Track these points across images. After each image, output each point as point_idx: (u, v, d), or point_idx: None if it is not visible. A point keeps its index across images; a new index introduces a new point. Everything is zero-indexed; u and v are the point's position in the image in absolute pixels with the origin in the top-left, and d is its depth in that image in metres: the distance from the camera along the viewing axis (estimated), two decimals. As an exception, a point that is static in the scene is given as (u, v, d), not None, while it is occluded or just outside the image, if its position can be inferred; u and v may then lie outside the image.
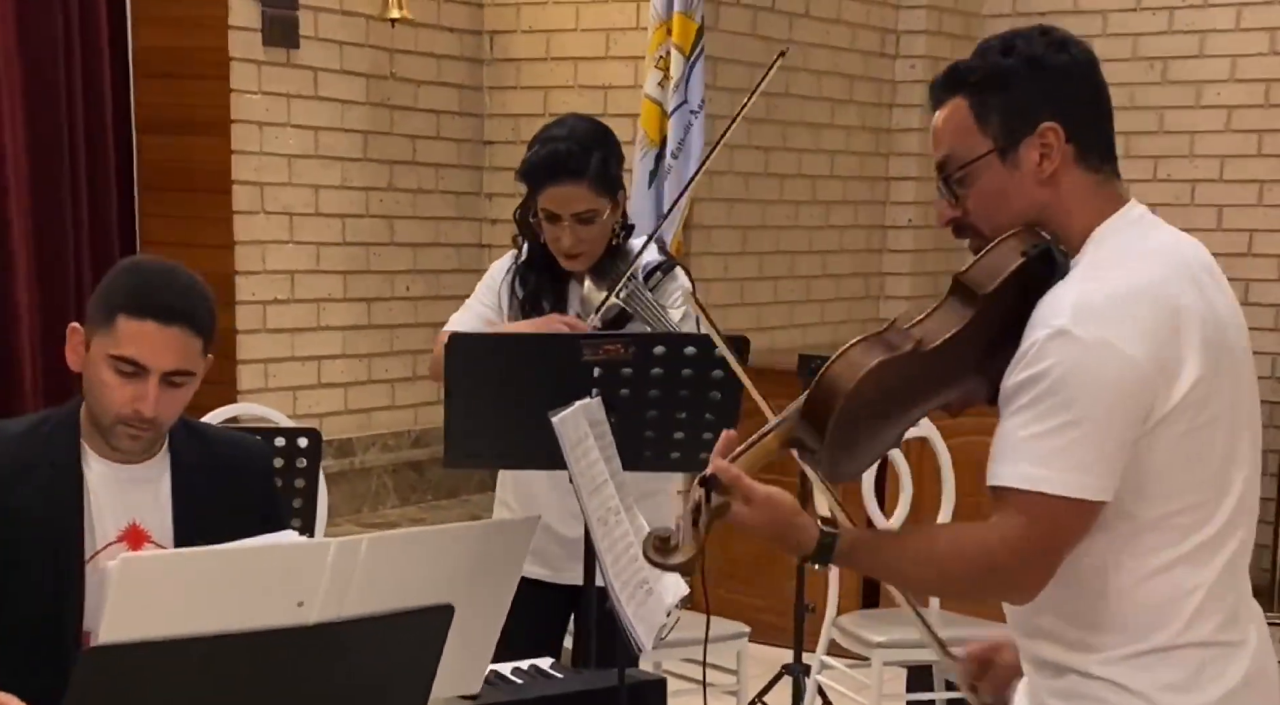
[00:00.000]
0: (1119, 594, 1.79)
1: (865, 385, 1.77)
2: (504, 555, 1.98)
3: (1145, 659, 1.79)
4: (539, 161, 2.87)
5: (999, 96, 1.84)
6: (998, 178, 1.84)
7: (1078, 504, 1.73)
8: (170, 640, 1.63)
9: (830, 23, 5.99)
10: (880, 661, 3.97)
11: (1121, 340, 1.72)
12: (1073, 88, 1.84)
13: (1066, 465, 1.72)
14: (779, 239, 5.93)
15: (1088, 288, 1.76)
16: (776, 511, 1.82)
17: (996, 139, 1.84)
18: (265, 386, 4.99)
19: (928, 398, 1.85)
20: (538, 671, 2.40)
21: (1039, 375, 1.73)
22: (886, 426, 1.86)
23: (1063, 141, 1.82)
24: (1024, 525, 1.74)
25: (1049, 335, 1.73)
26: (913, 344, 1.80)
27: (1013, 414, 1.76)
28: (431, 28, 5.47)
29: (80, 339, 2.21)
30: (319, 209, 5.16)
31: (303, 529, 2.92)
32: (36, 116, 4.54)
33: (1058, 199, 1.83)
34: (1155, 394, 1.74)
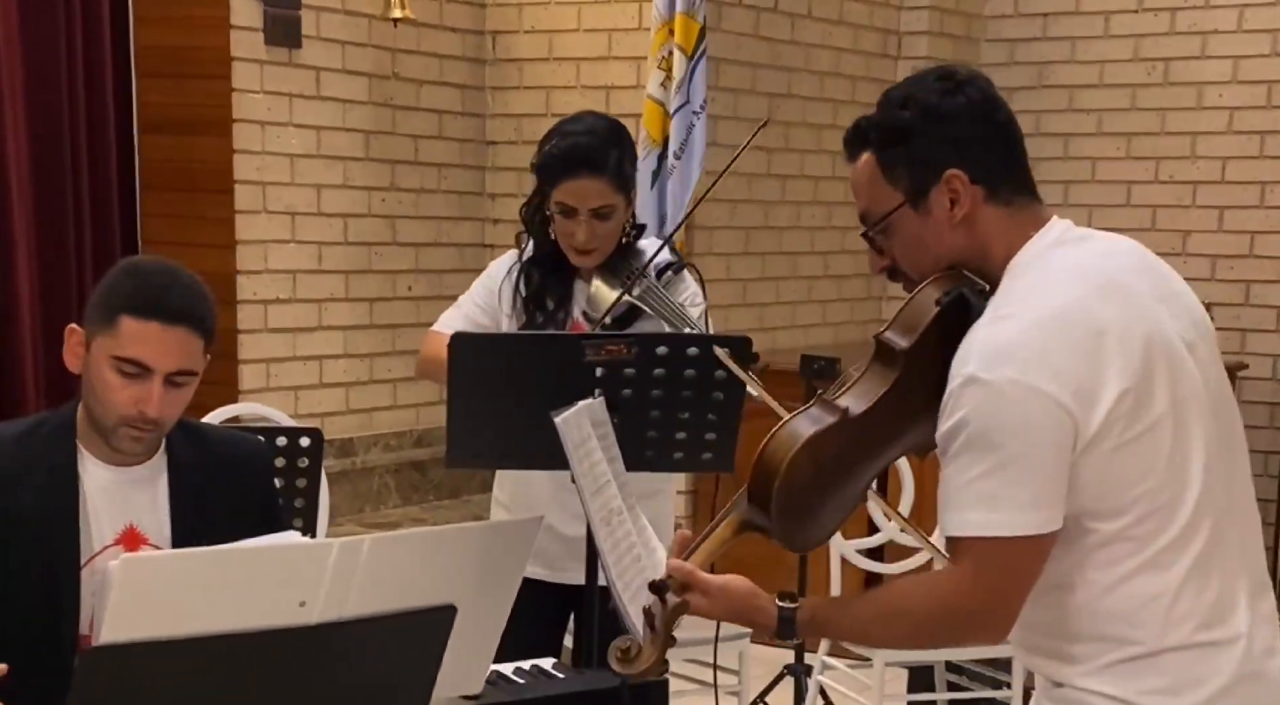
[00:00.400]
0: (1089, 607, 1.82)
1: (798, 461, 1.83)
2: (506, 556, 1.98)
3: (1126, 666, 1.81)
4: (559, 154, 2.86)
5: (901, 149, 1.87)
6: (913, 226, 1.89)
7: (1020, 542, 1.77)
8: (172, 640, 1.63)
9: (832, 24, 5.99)
10: (882, 662, 3.97)
11: (1030, 376, 1.75)
12: (972, 131, 1.86)
13: (1004, 506, 1.76)
14: (781, 239, 5.93)
15: (992, 329, 1.79)
16: (734, 599, 1.91)
17: (906, 191, 1.88)
18: (267, 386, 4.99)
19: (876, 456, 1.91)
20: (539, 671, 2.40)
21: (958, 425, 1.77)
22: (841, 491, 1.91)
23: (968, 185, 1.85)
24: (974, 570, 1.79)
25: (960, 384, 1.77)
26: (839, 415, 1.85)
27: (947, 463, 1.81)
28: (434, 28, 5.47)
29: (79, 340, 2.20)
30: (321, 209, 5.16)
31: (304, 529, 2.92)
32: (38, 116, 4.55)
33: (974, 239, 1.87)
34: (1076, 420, 1.76)
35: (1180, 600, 1.81)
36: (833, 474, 1.88)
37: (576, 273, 2.96)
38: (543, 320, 2.94)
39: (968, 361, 1.77)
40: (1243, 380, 5.86)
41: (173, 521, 2.23)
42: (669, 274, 2.94)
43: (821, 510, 1.91)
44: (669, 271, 2.94)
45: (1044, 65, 6.41)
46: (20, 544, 2.14)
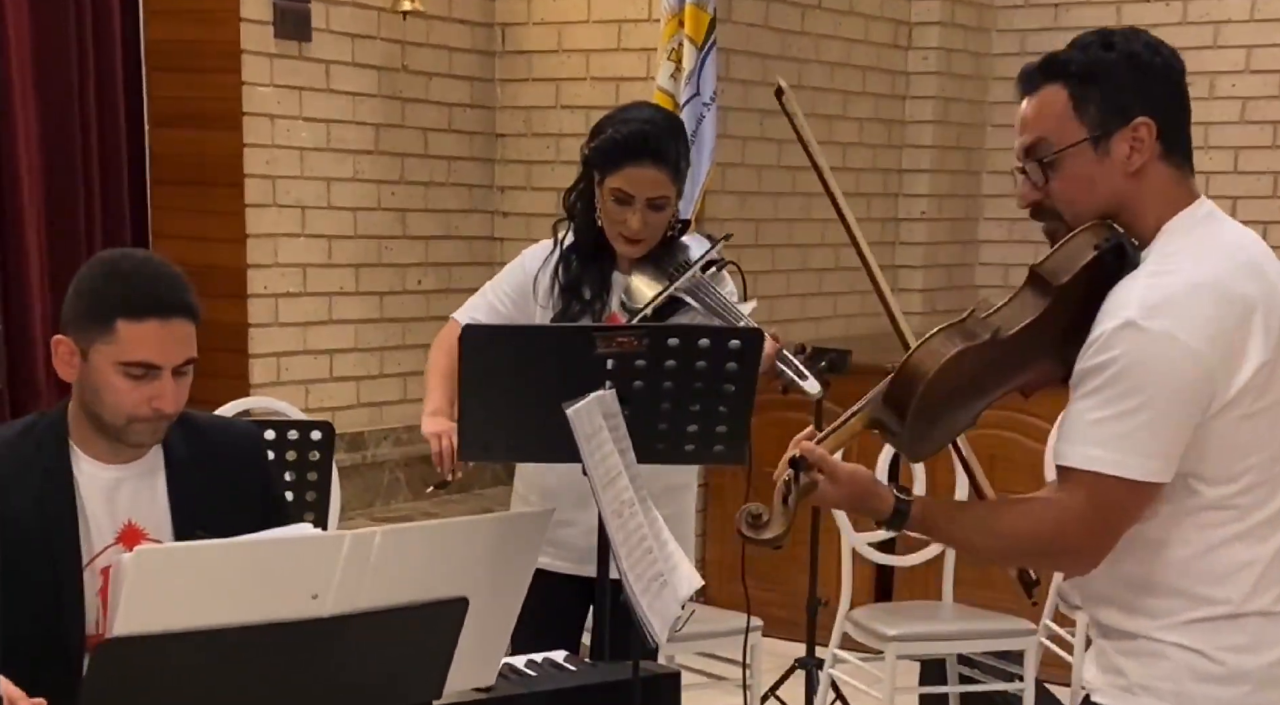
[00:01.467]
0: (1181, 565, 1.90)
1: (946, 372, 1.91)
2: (518, 548, 1.97)
3: (1210, 624, 1.90)
4: (623, 140, 2.85)
5: (1098, 88, 1.93)
6: (1087, 166, 1.93)
7: (1137, 485, 1.84)
8: (185, 632, 1.63)
9: (843, 14, 5.97)
10: (894, 655, 3.96)
11: (1185, 333, 1.82)
12: (1166, 88, 1.94)
13: (1128, 449, 1.83)
14: (791, 231, 5.92)
15: (1155, 282, 1.86)
16: (857, 485, 1.98)
17: (1092, 128, 1.92)
18: (277, 380, 4.99)
19: (1004, 381, 1.98)
20: (551, 664, 2.40)
21: (1106, 362, 1.84)
22: (964, 409, 1.99)
23: (1154, 137, 1.91)
24: (1085, 503, 1.86)
25: (1117, 326, 1.84)
26: (990, 332, 1.93)
27: (1081, 397, 1.88)
28: (443, 20, 5.46)
29: (70, 349, 2.17)
30: (331, 202, 5.16)
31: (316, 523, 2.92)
32: (49, 110, 4.55)
33: (1138, 192, 1.93)
34: (1216, 383, 1.84)
35: (1270, 571, 1.90)
36: (968, 389, 1.96)
37: (615, 264, 2.95)
38: (578, 309, 2.93)
39: (1128, 306, 1.85)
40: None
41: (173, 514, 2.22)
42: (712, 270, 2.94)
43: (948, 422, 2.00)
44: (713, 267, 2.94)
45: (1055, 56, 6.38)
46: (20, 549, 2.12)
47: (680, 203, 3.04)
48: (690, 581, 2.18)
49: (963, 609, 4.21)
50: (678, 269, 2.87)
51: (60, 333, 2.20)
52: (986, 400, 2.00)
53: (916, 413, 1.93)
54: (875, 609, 4.29)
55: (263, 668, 1.71)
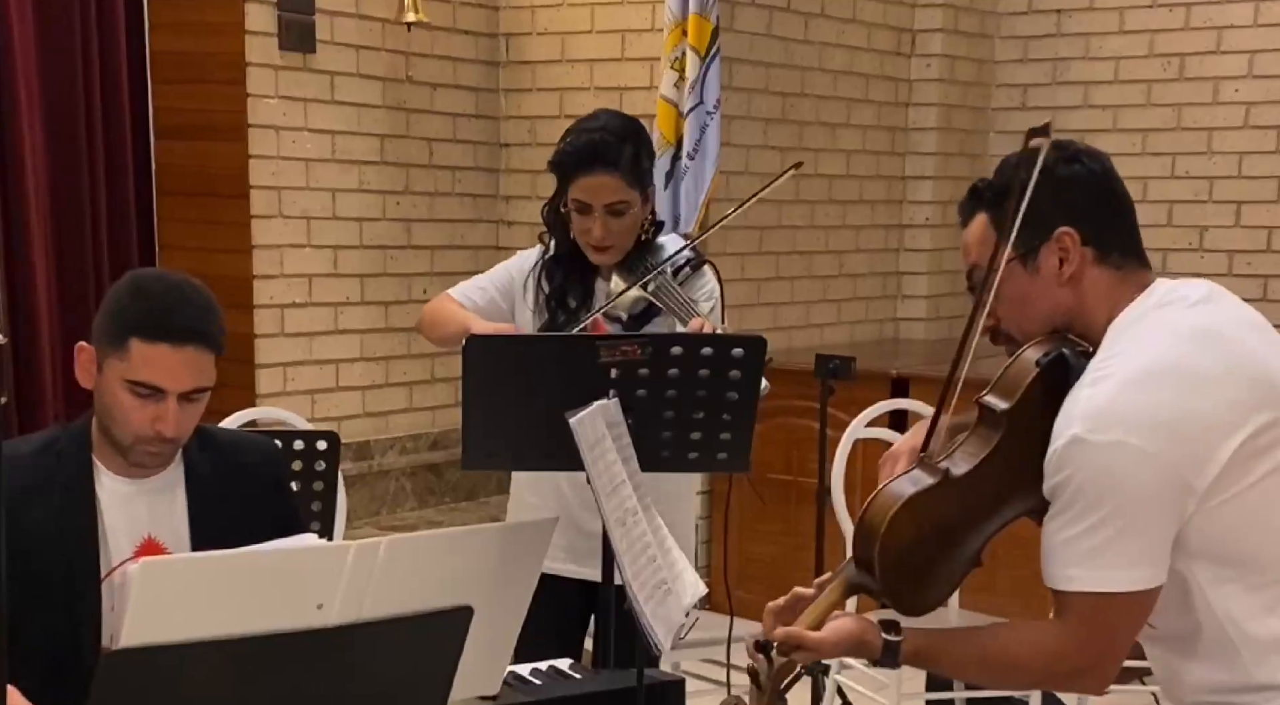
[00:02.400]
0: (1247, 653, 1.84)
1: (899, 523, 1.87)
2: (523, 556, 1.98)
3: None
4: (572, 151, 2.89)
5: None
6: (1021, 283, 1.92)
7: (1122, 598, 1.81)
8: (191, 643, 1.63)
9: (846, 22, 5.99)
10: (900, 661, 3.96)
11: (1135, 436, 1.77)
12: (1084, 195, 1.91)
13: (1105, 564, 1.80)
14: (795, 239, 5.93)
15: (1096, 390, 1.82)
16: (844, 645, 1.95)
17: (1017, 247, 1.90)
18: (284, 390, 5.01)
19: (984, 519, 1.92)
20: (556, 672, 2.41)
21: (1063, 483, 1.81)
22: (949, 553, 1.93)
23: (1079, 245, 1.89)
24: (1078, 625, 1.83)
25: (1065, 444, 1.80)
26: (940, 476, 1.88)
27: (1049, 519, 1.85)
28: (447, 31, 5.48)
29: (90, 358, 2.20)
30: (336, 213, 5.18)
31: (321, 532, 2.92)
32: (55, 122, 4.57)
33: (1079, 298, 1.91)
34: (1186, 477, 1.78)
35: None
36: (937, 536, 1.91)
37: (598, 271, 2.97)
38: (564, 319, 2.96)
39: (1072, 422, 1.81)
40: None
41: (192, 530, 2.24)
42: (686, 270, 2.95)
43: (929, 573, 1.93)
44: (687, 268, 2.95)
45: (1059, 62, 6.39)
46: (40, 560, 2.14)
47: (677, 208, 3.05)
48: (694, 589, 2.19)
49: (969, 614, 4.21)
50: (647, 271, 2.89)
51: (87, 341, 2.23)
52: (973, 539, 1.93)
53: (885, 570, 1.89)
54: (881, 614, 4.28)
55: (268, 678, 1.72)
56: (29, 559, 2.13)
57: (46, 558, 2.15)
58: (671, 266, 2.91)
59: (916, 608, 1.97)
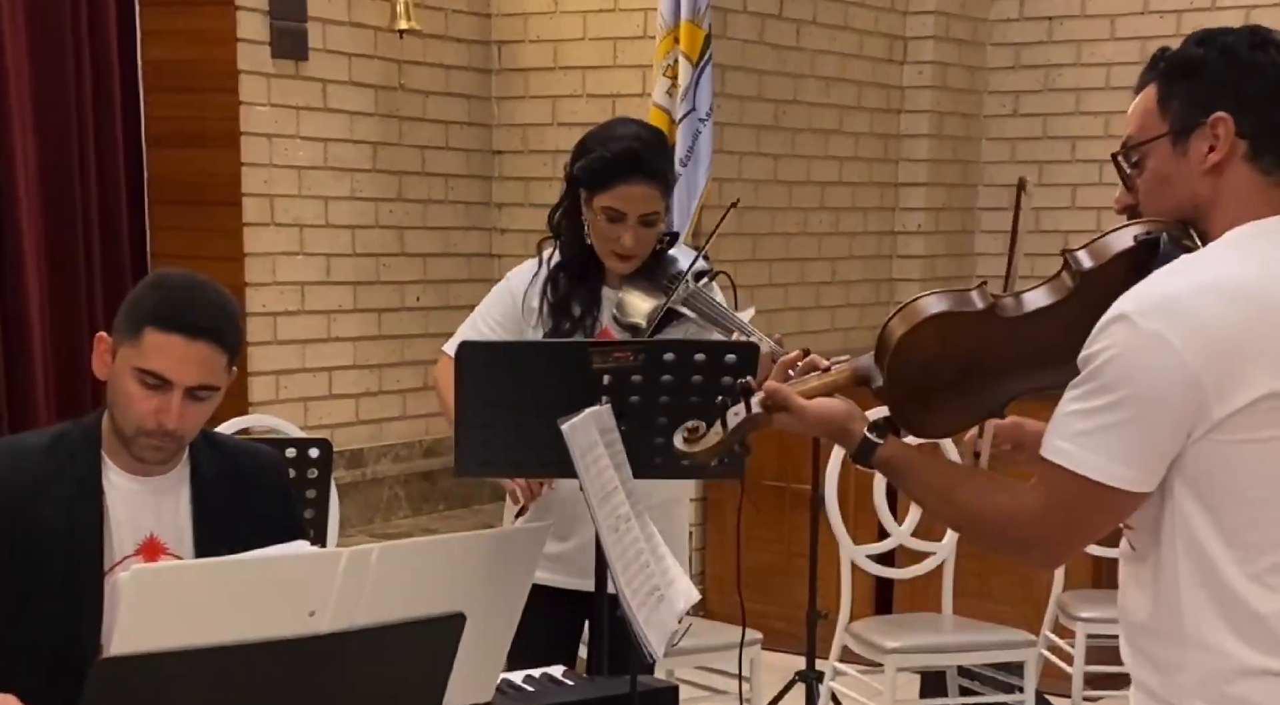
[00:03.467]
0: (1196, 610, 1.77)
1: (924, 333, 1.81)
2: (515, 563, 1.98)
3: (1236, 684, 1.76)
4: (613, 158, 2.85)
5: (1183, 83, 1.83)
6: (1166, 163, 1.83)
7: (1098, 489, 1.74)
8: (183, 651, 1.63)
9: (838, 29, 6.00)
10: (894, 667, 3.97)
11: (1178, 337, 1.70)
12: (1261, 87, 1.81)
13: (1095, 448, 1.73)
14: (788, 246, 5.93)
15: (1166, 280, 1.75)
16: (827, 423, 1.89)
17: (1172, 123, 1.83)
18: (276, 398, 5.00)
19: (1015, 370, 1.86)
20: (549, 679, 2.40)
21: (1092, 356, 1.74)
22: (971, 387, 1.86)
23: (1232, 134, 1.80)
24: (1044, 496, 1.77)
25: (1112, 317, 1.74)
26: (987, 304, 1.83)
27: (1070, 386, 1.78)
28: (440, 38, 5.48)
29: (106, 348, 2.23)
30: (329, 220, 5.17)
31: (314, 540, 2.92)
32: (47, 131, 4.56)
33: (1215, 194, 1.81)
34: (1206, 397, 1.71)
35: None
36: (962, 364, 1.83)
37: (604, 279, 2.96)
38: (569, 327, 2.94)
39: (1128, 299, 1.74)
40: None
41: (195, 532, 2.25)
42: (704, 280, 2.95)
43: (942, 397, 1.87)
44: (704, 277, 2.95)
45: (1050, 68, 6.41)
46: (46, 554, 2.17)
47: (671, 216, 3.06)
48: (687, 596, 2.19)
49: (962, 621, 4.21)
50: (670, 281, 2.88)
51: (82, 347, 2.24)
52: (995, 386, 1.86)
53: (892, 374, 1.83)
54: (875, 621, 4.29)
55: (260, 686, 1.71)
56: (37, 552, 2.16)
57: (54, 552, 2.17)
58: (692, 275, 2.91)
59: (918, 426, 1.92)
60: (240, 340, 2.25)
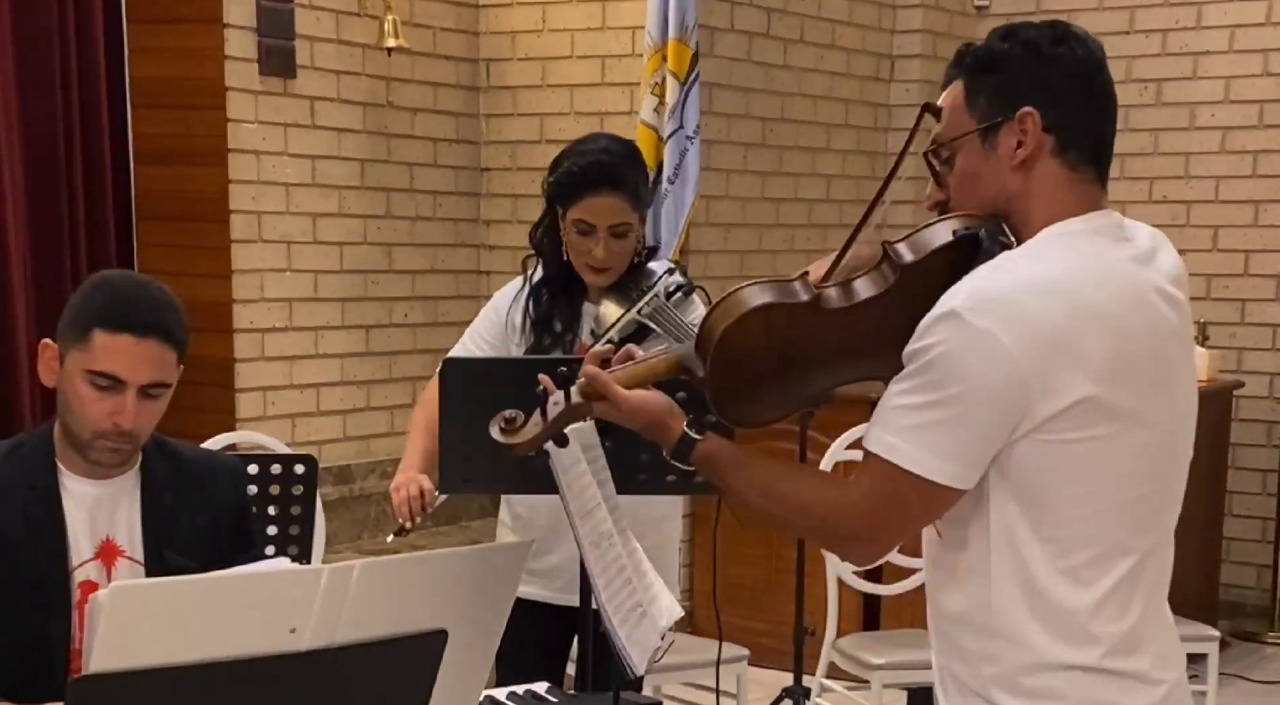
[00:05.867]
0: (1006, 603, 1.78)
1: (749, 324, 1.78)
2: (498, 579, 1.97)
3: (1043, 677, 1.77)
4: (580, 171, 2.89)
5: (988, 78, 1.84)
6: (975, 159, 1.84)
7: (923, 483, 1.73)
8: (162, 668, 1.62)
9: (825, 48, 6.02)
10: (880, 684, 3.97)
11: (1008, 335, 1.70)
12: (1064, 81, 1.82)
13: (921, 443, 1.73)
14: (776, 263, 5.94)
15: (996, 277, 1.75)
16: (647, 415, 1.88)
17: (980, 119, 1.84)
18: (264, 414, 5.00)
19: (833, 361, 1.84)
20: (533, 696, 2.40)
21: (921, 350, 1.74)
22: (788, 379, 1.84)
23: (1039, 129, 1.81)
24: (868, 489, 1.77)
25: (942, 313, 1.73)
26: (810, 296, 1.80)
27: (895, 381, 1.77)
28: (428, 56, 5.50)
29: (53, 355, 2.23)
30: (317, 237, 5.18)
31: (299, 556, 2.93)
32: (34, 147, 4.56)
33: (1025, 189, 1.82)
34: (1031, 396, 1.71)
35: (1095, 621, 1.77)
36: (785, 355, 1.82)
37: (585, 295, 2.97)
38: (550, 342, 2.95)
39: (957, 295, 1.74)
40: (1239, 398, 5.87)
41: (144, 534, 2.26)
42: (679, 296, 2.96)
43: (763, 388, 1.85)
44: (679, 293, 2.96)
45: (1036, 87, 6.43)
46: (8, 564, 2.17)
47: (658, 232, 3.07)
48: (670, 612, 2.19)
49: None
50: (641, 295, 2.89)
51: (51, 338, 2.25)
52: (817, 377, 1.85)
53: (715, 365, 1.79)
54: (862, 638, 4.29)
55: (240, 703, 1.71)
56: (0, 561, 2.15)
57: (16, 559, 2.17)
58: (664, 291, 2.92)
59: (730, 414, 1.88)
60: (187, 337, 2.24)
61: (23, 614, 2.17)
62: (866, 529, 1.79)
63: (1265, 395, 6.04)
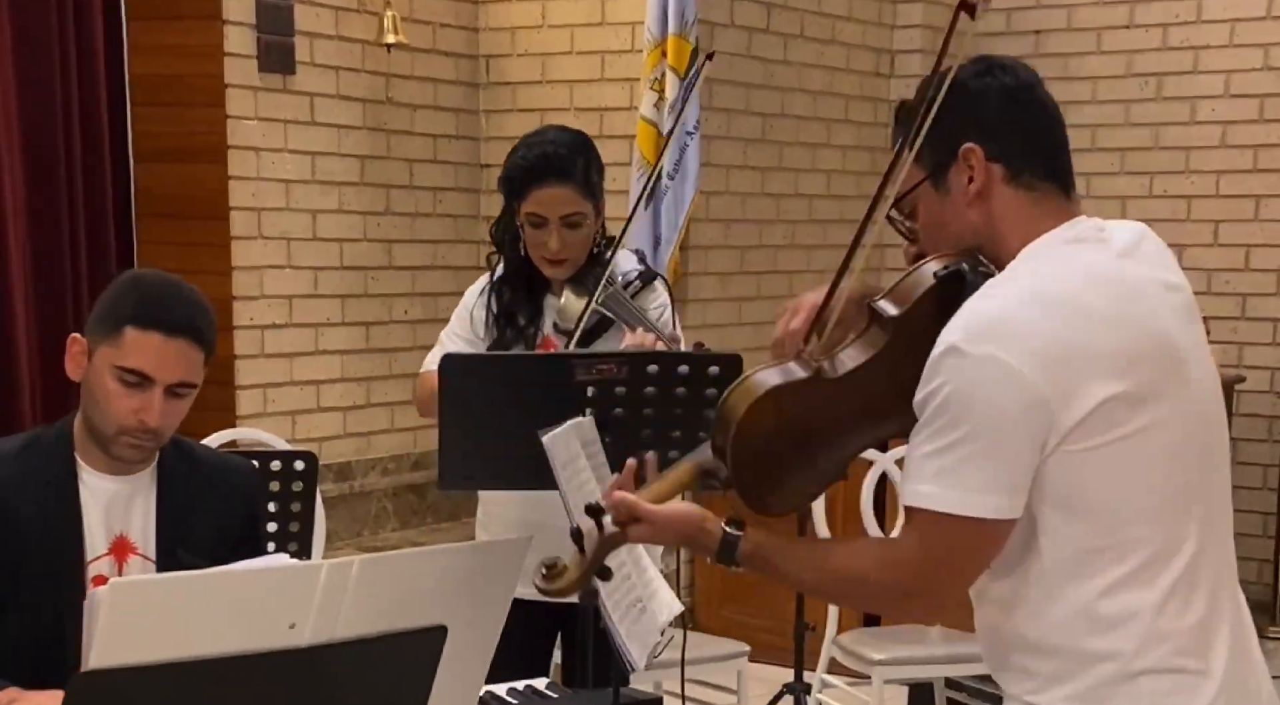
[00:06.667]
0: (1063, 618, 1.76)
1: (758, 411, 1.78)
2: (497, 575, 1.97)
3: (1102, 690, 1.75)
4: (526, 164, 2.91)
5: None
6: (934, 206, 1.87)
7: (970, 523, 1.72)
8: (162, 664, 1.62)
9: (825, 43, 6.02)
10: (881, 679, 3.97)
11: (1010, 354, 1.70)
12: (997, 111, 1.84)
13: (958, 484, 1.72)
14: (776, 258, 5.94)
15: (984, 303, 1.75)
16: (682, 526, 1.85)
17: (927, 167, 1.86)
18: (264, 411, 5.00)
19: (855, 427, 1.85)
20: (533, 692, 2.40)
21: (931, 394, 1.74)
22: (812, 455, 1.85)
23: (983, 162, 1.83)
24: (917, 543, 1.75)
25: (941, 352, 1.73)
26: (811, 371, 1.80)
27: (915, 432, 1.77)
28: (427, 52, 5.49)
29: (81, 349, 2.25)
30: (317, 234, 5.18)
31: (300, 552, 2.93)
32: (33, 145, 4.56)
33: (990, 220, 1.84)
34: (1052, 409, 1.71)
35: (1161, 620, 1.76)
36: (799, 434, 1.82)
37: (548, 289, 2.98)
38: (513, 336, 2.97)
39: (953, 330, 1.74)
40: (1240, 393, 5.86)
41: (158, 533, 2.27)
42: (637, 284, 2.97)
43: (786, 472, 1.85)
44: (638, 281, 2.97)
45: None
46: (24, 556, 2.19)
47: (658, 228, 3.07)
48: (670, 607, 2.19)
49: (950, 633, 4.21)
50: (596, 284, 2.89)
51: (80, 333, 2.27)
52: (838, 448, 1.86)
53: (736, 459, 1.79)
54: (862, 633, 4.29)
55: (240, 699, 1.71)
56: (15, 555, 2.18)
57: (32, 553, 2.19)
58: (622, 279, 2.93)
59: (763, 505, 1.87)
60: (215, 337, 2.27)
61: (36, 605, 2.19)
62: (924, 583, 1.77)
63: (1266, 390, 6.04)
